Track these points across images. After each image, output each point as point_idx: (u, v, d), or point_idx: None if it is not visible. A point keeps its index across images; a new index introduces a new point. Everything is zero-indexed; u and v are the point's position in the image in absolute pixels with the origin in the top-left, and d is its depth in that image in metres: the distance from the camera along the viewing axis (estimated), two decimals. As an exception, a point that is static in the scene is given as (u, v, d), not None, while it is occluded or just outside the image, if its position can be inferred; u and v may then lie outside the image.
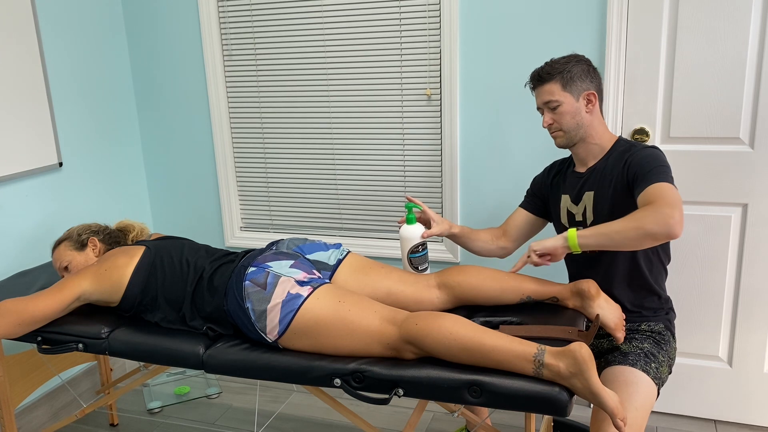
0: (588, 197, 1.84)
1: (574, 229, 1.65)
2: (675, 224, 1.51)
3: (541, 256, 1.70)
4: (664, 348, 1.81)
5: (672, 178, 1.68)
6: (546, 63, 1.81)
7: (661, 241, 1.54)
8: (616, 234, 1.58)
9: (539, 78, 1.81)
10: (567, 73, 1.77)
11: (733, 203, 2.24)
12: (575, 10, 2.26)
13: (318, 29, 2.61)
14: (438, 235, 1.93)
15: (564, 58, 1.80)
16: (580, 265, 1.91)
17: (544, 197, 2.02)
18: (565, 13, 2.27)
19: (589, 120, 1.81)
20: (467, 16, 2.40)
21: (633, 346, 1.79)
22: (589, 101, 1.79)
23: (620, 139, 1.86)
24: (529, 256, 1.71)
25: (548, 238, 1.70)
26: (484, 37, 2.39)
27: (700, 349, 2.39)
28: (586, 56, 2.01)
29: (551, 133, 1.85)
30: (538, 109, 1.85)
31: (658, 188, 1.62)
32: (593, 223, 1.83)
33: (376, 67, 2.56)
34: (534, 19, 2.32)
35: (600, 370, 1.82)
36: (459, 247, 2.60)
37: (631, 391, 1.66)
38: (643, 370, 1.71)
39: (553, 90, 1.78)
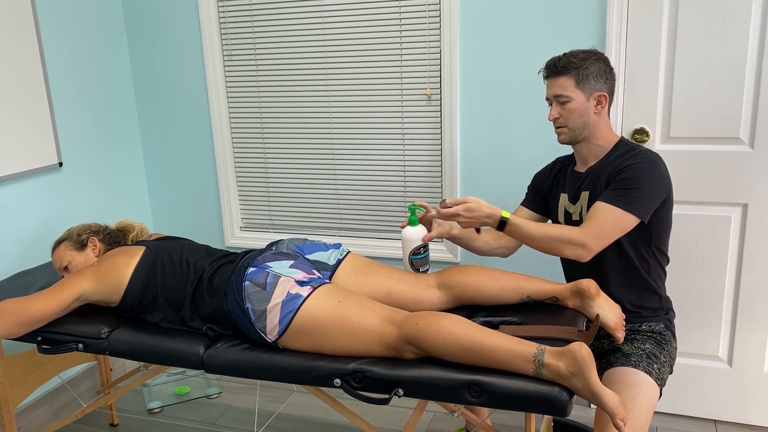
0: (584, 197, 1.84)
1: (501, 226, 1.71)
2: (585, 257, 1.68)
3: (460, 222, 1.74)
4: (666, 348, 1.81)
5: (640, 200, 1.69)
6: (565, 54, 1.77)
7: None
8: (536, 243, 1.71)
9: (555, 69, 1.77)
10: (583, 70, 1.74)
11: (733, 203, 2.24)
12: (575, 10, 2.26)
13: (318, 29, 2.61)
14: (438, 237, 1.92)
15: (584, 53, 1.76)
16: (575, 264, 1.91)
17: (545, 194, 2.01)
18: (565, 13, 2.27)
19: (596, 121, 1.79)
20: (467, 16, 2.40)
21: (635, 347, 1.79)
22: (599, 102, 1.78)
23: (621, 141, 1.85)
24: (457, 219, 1.74)
25: (484, 211, 1.71)
26: (484, 37, 2.39)
27: (700, 349, 2.39)
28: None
29: (556, 130, 1.83)
30: (547, 99, 1.82)
31: (606, 214, 1.69)
32: None
33: (376, 67, 2.56)
34: (534, 20, 2.31)
35: (602, 371, 1.82)
36: (459, 246, 2.60)
37: (635, 393, 1.65)
38: (645, 372, 1.71)
39: (566, 85, 1.75)
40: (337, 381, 1.56)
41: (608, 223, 1.67)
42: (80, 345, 1.82)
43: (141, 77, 2.94)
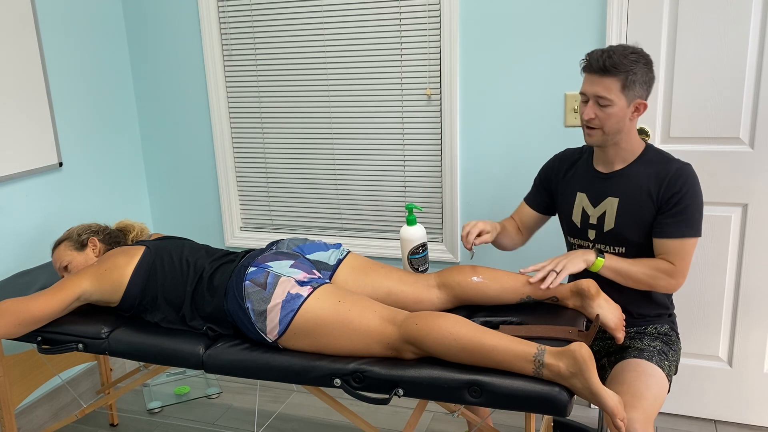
0: (611, 203, 1.79)
1: (602, 260, 1.74)
2: (676, 289, 1.76)
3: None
4: (673, 348, 1.83)
5: (700, 220, 1.74)
6: (614, 52, 1.64)
7: None
8: (632, 281, 1.76)
9: (603, 68, 1.64)
10: (632, 75, 1.63)
11: (733, 203, 2.24)
12: (575, 10, 2.26)
13: (318, 29, 2.61)
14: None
15: (634, 53, 1.65)
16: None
17: (552, 190, 1.96)
18: (565, 13, 2.27)
19: (629, 127, 1.72)
20: (467, 16, 2.40)
21: (645, 343, 1.80)
22: (636, 110, 1.69)
23: (648, 146, 1.79)
24: (551, 274, 1.72)
25: (572, 259, 1.72)
26: (485, 37, 2.39)
27: (700, 349, 2.39)
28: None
29: (587, 129, 1.73)
30: (583, 93, 1.71)
31: (684, 247, 1.73)
32: (611, 231, 1.80)
33: (376, 67, 2.56)
34: (534, 19, 2.31)
35: (610, 368, 1.82)
36: (459, 247, 2.60)
37: (650, 382, 1.67)
38: (658, 365, 1.73)
39: (612, 87, 1.64)
40: (337, 381, 1.56)
41: (689, 254, 1.74)
42: (80, 345, 1.82)
43: (141, 77, 2.94)
